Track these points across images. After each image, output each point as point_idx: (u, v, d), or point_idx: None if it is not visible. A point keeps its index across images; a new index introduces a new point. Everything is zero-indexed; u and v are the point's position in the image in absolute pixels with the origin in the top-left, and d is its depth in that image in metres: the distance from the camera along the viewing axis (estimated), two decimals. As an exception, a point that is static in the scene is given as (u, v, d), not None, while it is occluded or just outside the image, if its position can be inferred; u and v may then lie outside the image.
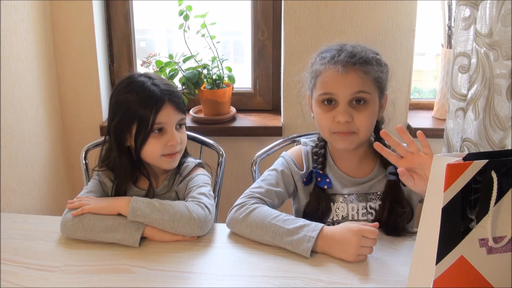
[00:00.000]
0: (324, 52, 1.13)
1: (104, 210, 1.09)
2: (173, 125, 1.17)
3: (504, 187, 0.75)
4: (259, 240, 1.05)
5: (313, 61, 1.15)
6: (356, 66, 1.07)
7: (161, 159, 1.18)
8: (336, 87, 1.08)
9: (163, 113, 1.15)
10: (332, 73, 1.08)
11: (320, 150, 1.21)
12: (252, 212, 1.08)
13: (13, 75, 1.55)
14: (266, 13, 1.84)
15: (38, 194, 1.70)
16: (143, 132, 1.14)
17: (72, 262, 1.00)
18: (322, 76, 1.10)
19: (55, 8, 1.76)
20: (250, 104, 1.96)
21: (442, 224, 0.73)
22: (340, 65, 1.07)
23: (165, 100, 1.15)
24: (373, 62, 1.09)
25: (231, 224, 1.10)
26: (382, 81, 1.12)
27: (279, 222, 1.04)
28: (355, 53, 1.09)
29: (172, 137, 1.16)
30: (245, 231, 1.07)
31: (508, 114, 1.11)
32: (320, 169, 1.18)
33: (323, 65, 1.10)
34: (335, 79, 1.08)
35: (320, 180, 1.16)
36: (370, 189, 1.17)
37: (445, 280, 0.75)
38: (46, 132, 1.76)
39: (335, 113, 1.09)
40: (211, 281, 0.94)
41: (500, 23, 1.09)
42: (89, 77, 1.82)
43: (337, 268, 0.97)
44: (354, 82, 1.07)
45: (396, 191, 1.14)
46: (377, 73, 1.10)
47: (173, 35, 2.15)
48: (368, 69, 1.08)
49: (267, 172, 1.21)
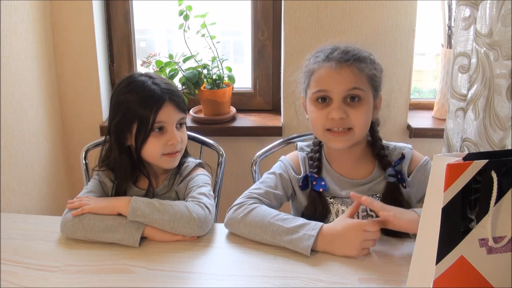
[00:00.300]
0: (318, 52, 1.14)
1: (104, 210, 1.09)
2: (174, 124, 1.17)
3: (504, 187, 0.75)
4: (258, 239, 1.05)
5: (307, 62, 1.15)
6: (349, 62, 1.07)
7: (162, 158, 1.18)
8: (330, 83, 1.08)
9: (163, 112, 1.15)
10: (326, 69, 1.08)
11: (315, 155, 1.20)
12: (251, 211, 1.07)
13: (13, 75, 1.55)
14: (266, 13, 1.84)
15: (38, 194, 1.70)
16: (143, 131, 1.14)
17: (72, 262, 1.00)
18: (316, 74, 1.10)
19: (55, 8, 1.76)
20: (250, 104, 1.96)
21: (442, 224, 0.73)
22: (334, 61, 1.07)
23: (166, 99, 1.15)
24: (367, 60, 1.10)
25: (230, 224, 1.10)
26: (376, 79, 1.12)
27: (278, 221, 1.04)
28: (349, 50, 1.09)
29: (173, 136, 1.16)
30: (244, 231, 1.07)
31: (508, 114, 1.11)
32: (316, 172, 1.17)
33: (317, 63, 1.11)
34: (329, 75, 1.08)
35: (315, 184, 1.16)
36: (369, 191, 1.16)
37: (445, 280, 0.75)
38: (46, 132, 1.76)
39: (329, 110, 1.09)
40: (211, 281, 0.94)
41: (500, 23, 1.09)
42: (89, 77, 1.82)
43: (337, 268, 0.97)
44: (348, 78, 1.07)
45: (396, 193, 1.13)
46: (371, 71, 1.09)
47: (173, 35, 2.15)
48: (362, 66, 1.08)
49: (266, 175, 1.21)
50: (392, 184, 1.14)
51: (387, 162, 1.16)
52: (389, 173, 1.14)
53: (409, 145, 1.21)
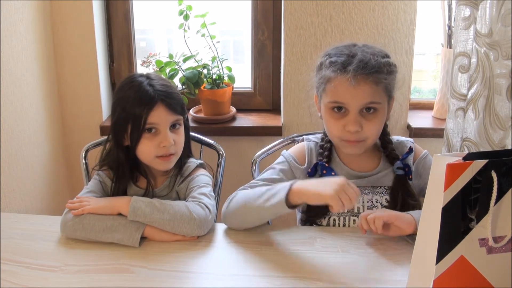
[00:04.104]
0: (334, 56, 1.11)
1: (104, 210, 1.09)
2: (166, 126, 1.16)
3: (504, 187, 0.75)
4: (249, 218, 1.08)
5: (322, 62, 1.13)
6: (368, 78, 1.06)
7: (155, 160, 1.17)
8: (347, 98, 1.08)
9: (155, 114, 1.14)
10: (343, 82, 1.07)
11: (326, 144, 1.21)
12: (234, 197, 1.11)
13: (13, 75, 1.55)
14: (266, 13, 1.84)
15: (38, 194, 1.70)
16: (136, 132, 1.14)
17: (72, 262, 1.00)
18: (333, 84, 1.09)
19: (55, 8, 1.76)
20: (250, 104, 1.96)
21: (442, 224, 0.73)
22: (352, 75, 1.06)
23: (157, 100, 1.14)
24: (384, 70, 1.08)
25: (223, 218, 1.13)
26: (392, 87, 1.13)
27: (261, 188, 1.08)
28: (366, 61, 1.06)
29: (165, 138, 1.15)
30: (234, 216, 1.10)
31: (508, 114, 1.11)
32: (325, 162, 1.18)
33: (334, 72, 1.09)
34: (346, 90, 1.07)
35: (325, 173, 1.17)
36: (376, 182, 1.18)
37: (445, 280, 0.75)
38: (46, 132, 1.76)
39: (345, 122, 1.10)
40: (211, 281, 0.94)
41: (500, 23, 1.09)
42: (89, 77, 1.82)
43: (337, 268, 0.97)
44: (365, 93, 1.07)
45: (405, 185, 1.16)
46: (387, 80, 1.09)
47: (173, 35, 2.15)
48: (379, 79, 1.07)
49: (265, 171, 1.22)
50: (401, 177, 1.16)
51: (395, 156, 1.18)
52: (397, 166, 1.16)
53: (411, 139, 1.25)
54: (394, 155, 1.18)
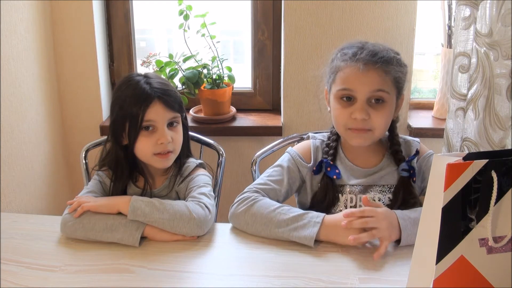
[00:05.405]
0: (346, 48, 1.14)
1: (104, 209, 1.09)
2: (164, 123, 1.17)
3: (504, 187, 0.75)
4: (262, 232, 1.06)
5: (334, 56, 1.17)
6: (377, 65, 1.08)
7: (153, 158, 1.18)
8: (355, 84, 1.10)
9: (152, 111, 1.14)
10: (353, 69, 1.10)
11: (332, 143, 1.22)
12: (254, 204, 1.09)
13: (13, 75, 1.55)
14: (266, 13, 1.84)
15: (38, 194, 1.70)
16: (133, 130, 1.15)
17: (72, 262, 1.00)
18: (343, 72, 1.12)
19: (55, 8, 1.76)
20: (250, 104, 1.96)
21: (442, 224, 0.73)
22: (362, 62, 1.09)
23: (154, 98, 1.14)
24: (394, 62, 1.11)
25: (234, 218, 1.11)
26: (401, 81, 1.14)
27: (283, 211, 1.06)
28: (377, 51, 1.10)
29: (162, 135, 1.16)
30: (248, 224, 1.08)
31: (508, 114, 1.11)
32: (330, 160, 1.19)
33: (344, 61, 1.12)
34: (355, 76, 1.09)
35: (329, 170, 1.18)
36: (379, 180, 1.18)
37: (445, 280, 0.75)
38: (46, 132, 1.76)
39: (352, 110, 1.11)
40: (211, 281, 0.94)
41: (500, 23, 1.09)
42: (89, 77, 1.82)
43: (337, 268, 0.97)
44: (374, 80, 1.09)
45: (408, 186, 1.17)
46: (397, 73, 1.11)
47: (173, 34, 2.14)
48: (389, 69, 1.10)
49: (272, 168, 1.22)
50: (405, 178, 1.17)
51: (402, 157, 1.19)
52: (402, 167, 1.17)
53: (417, 139, 1.25)
54: (401, 156, 1.19)
